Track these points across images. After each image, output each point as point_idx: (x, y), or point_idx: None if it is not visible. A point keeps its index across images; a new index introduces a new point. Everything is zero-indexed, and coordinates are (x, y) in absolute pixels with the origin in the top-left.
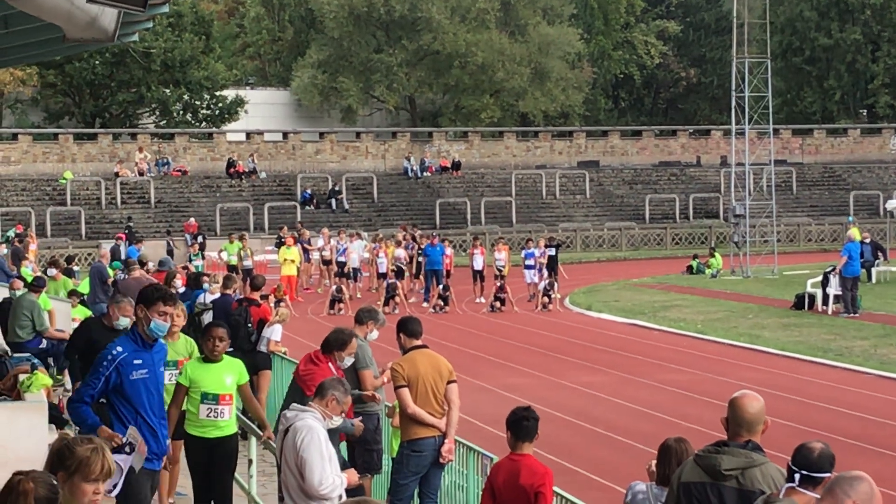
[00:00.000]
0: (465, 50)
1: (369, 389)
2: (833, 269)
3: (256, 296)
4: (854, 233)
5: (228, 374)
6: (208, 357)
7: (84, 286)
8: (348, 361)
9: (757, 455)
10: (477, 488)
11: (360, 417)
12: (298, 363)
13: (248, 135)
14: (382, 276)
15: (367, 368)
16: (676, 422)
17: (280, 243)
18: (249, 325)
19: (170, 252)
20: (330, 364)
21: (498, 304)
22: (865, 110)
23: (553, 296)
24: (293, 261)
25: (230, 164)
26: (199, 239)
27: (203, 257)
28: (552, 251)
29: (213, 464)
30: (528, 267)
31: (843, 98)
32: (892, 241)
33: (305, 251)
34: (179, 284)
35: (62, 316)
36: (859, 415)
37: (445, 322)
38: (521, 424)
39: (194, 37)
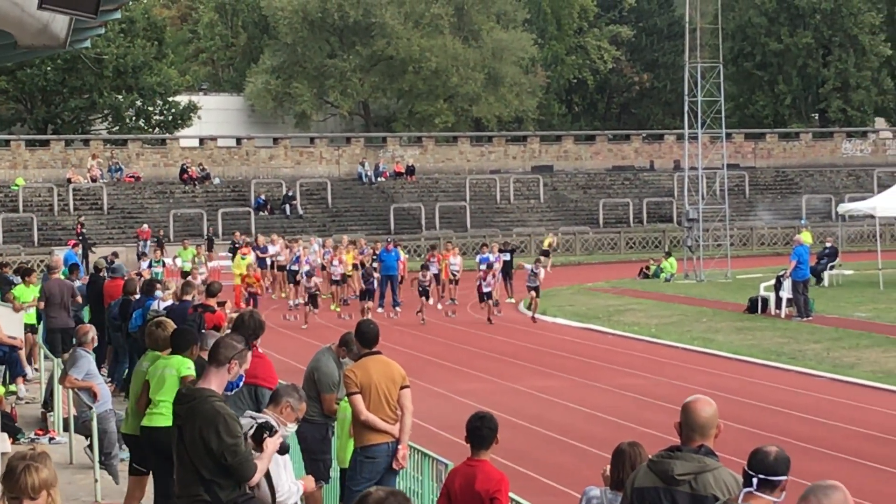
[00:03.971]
0: (419, 55)
1: (328, 412)
2: (785, 273)
3: (212, 302)
4: (804, 236)
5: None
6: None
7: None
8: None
9: (710, 460)
10: (432, 494)
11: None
12: None
13: (202, 140)
14: (336, 282)
15: (330, 392)
16: (631, 426)
17: (234, 249)
18: (203, 331)
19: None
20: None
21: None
22: (817, 114)
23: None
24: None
25: (183, 170)
26: (152, 243)
27: (164, 264)
28: (507, 256)
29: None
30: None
31: (794, 102)
32: (844, 244)
33: (260, 259)
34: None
35: (16, 322)
36: (812, 418)
37: (400, 327)
38: (478, 433)
39: (147, 42)
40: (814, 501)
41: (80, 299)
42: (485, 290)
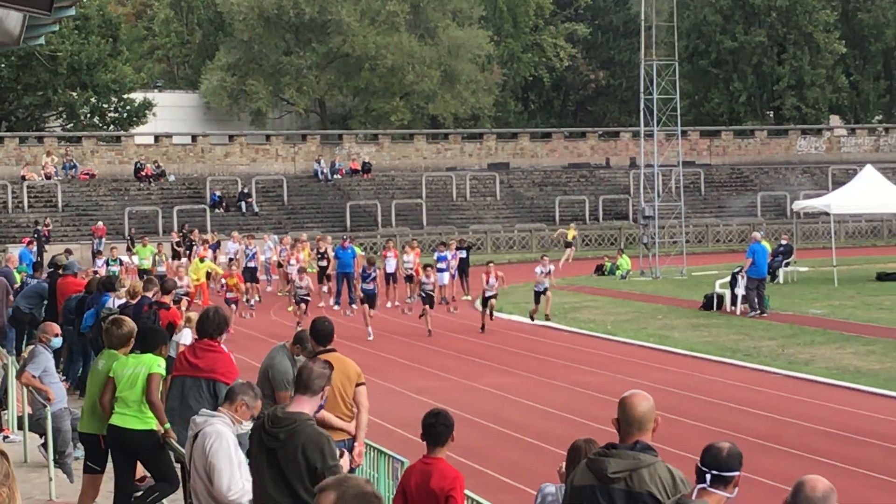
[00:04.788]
0: (375, 53)
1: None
2: (741, 270)
3: (167, 299)
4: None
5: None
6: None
7: None
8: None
9: (645, 455)
10: (388, 492)
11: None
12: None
13: (157, 138)
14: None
15: (284, 390)
16: (587, 423)
17: (188, 246)
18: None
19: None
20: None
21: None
22: (772, 112)
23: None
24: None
25: (138, 167)
26: (102, 241)
27: (120, 262)
28: (463, 253)
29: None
30: (441, 270)
31: (749, 100)
32: (799, 241)
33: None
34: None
35: None
36: (767, 414)
37: (357, 325)
38: (433, 430)
39: (101, 39)
40: (807, 487)
41: (12, 298)
42: (487, 294)
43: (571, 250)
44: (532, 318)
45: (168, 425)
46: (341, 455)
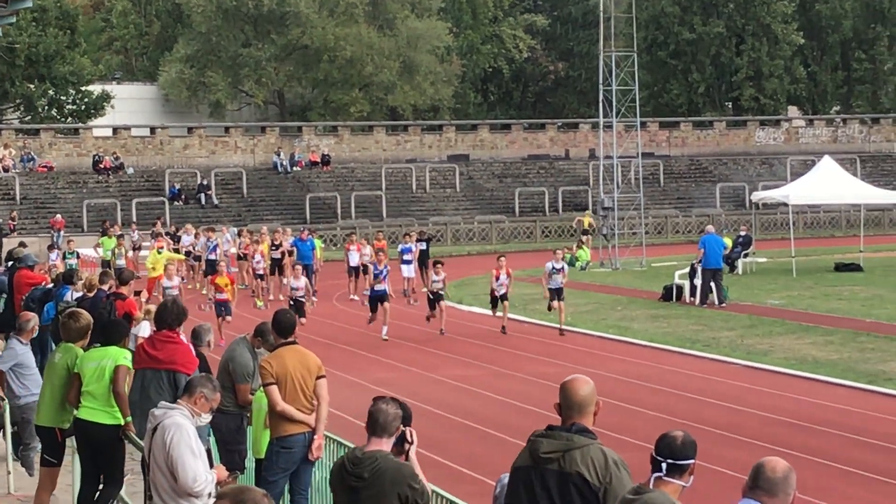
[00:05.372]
0: (334, 44)
1: (243, 402)
2: (696, 261)
3: (124, 290)
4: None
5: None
6: None
7: None
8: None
9: (580, 437)
10: None
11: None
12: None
13: (115, 130)
14: (259, 276)
15: (244, 383)
16: (547, 414)
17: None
18: (114, 318)
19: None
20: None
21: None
22: (730, 103)
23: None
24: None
25: (97, 159)
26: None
27: (78, 255)
28: (423, 245)
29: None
30: (405, 262)
31: (708, 91)
32: (758, 232)
33: (175, 250)
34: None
35: None
36: (726, 405)
37: (318, 317)
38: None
39: (59, 31)
40: (782, 495)
41: None
42: (499, 293)
43: (589, 238)
44: (561, 332)
45: (129, 418)
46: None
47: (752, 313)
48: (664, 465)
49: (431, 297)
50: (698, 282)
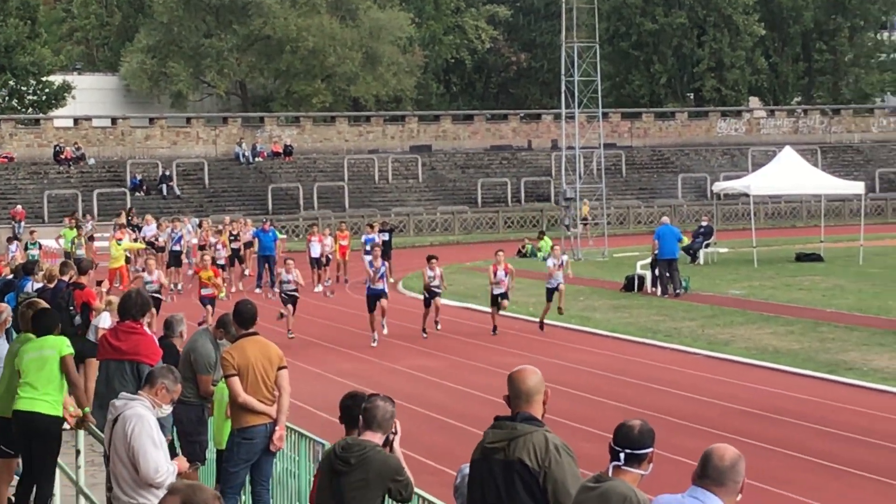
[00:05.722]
0: (296, 35)
1: (205, 393)
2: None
3: (83, 280)
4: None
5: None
6: None
7: None
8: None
9: (524, 425)
10: (309, 475)
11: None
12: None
13: (76, 121)
14: (221, 266)
15: (206, 374)
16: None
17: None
18: (72, 308)
19: None
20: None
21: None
22: (692, 94)
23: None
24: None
25: (58, 150)
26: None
27: (39, 246)
28: (386, 236)
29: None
30: (368, 253)
31: (670, 82)
32: (720, 222)
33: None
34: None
35: None
36: (687, 394)
37: (273, 305)
38: (350, 412)
39: (20, 21)
40: (731, 484)
41: None
42: (496, 291)
43: (587, 228)
44: (542, 327)
45: (88, 409)
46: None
47: (713, 303)
48: (622, 455)
49: (427, 294)
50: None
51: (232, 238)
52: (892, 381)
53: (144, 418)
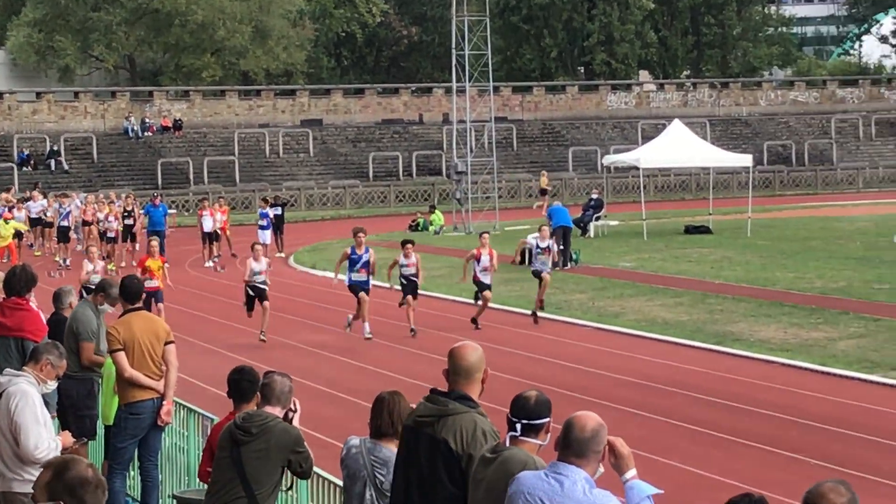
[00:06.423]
0: (185, 8)
1: (87, 362)
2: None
3: None
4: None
5: None
6: None
7: None
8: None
9: (457, 404)
10: (198, 450)
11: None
12: None
13: None
14: (111, 240)
15: (88, 341)
16: (399, 377)
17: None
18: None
19: None
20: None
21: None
22: (582, 68)
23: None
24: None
25: None
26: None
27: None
28: (278, 210)
29: None
30: (263, 227)
31: (560, 56)
32: (610, 195)
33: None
34: None
35: None
36: (577, 366)
37: (170, 283)
38: (237, 386)
39: None
40: (592, 455)
41: None
42: (481, 278)
43: (546, 198)
44: (536, 320)
45: None
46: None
47: (604, 276)
48: (519, 426)
49: (405, 282)
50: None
51: (126, 214)
52: (778, 352)
53: (28, 394)
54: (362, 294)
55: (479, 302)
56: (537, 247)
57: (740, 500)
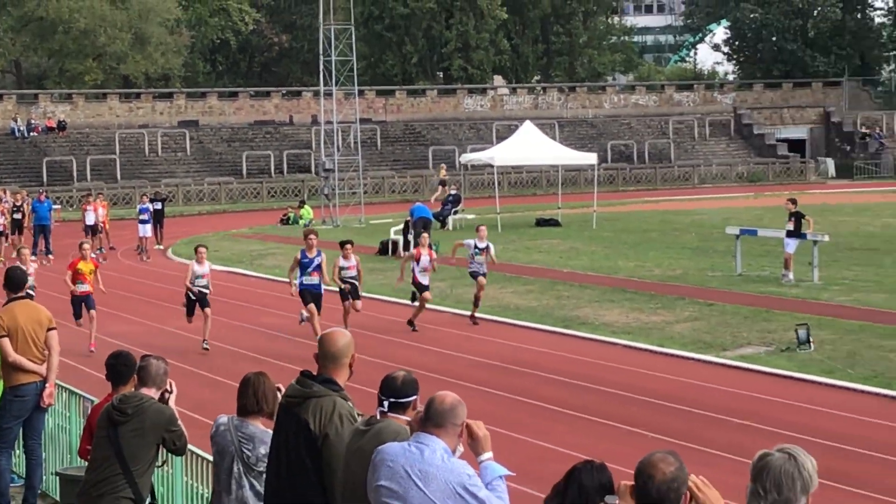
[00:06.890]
0: (69, 16)
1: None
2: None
3: None
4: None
5: None
6: None
7: None
8: None
9: (320, 387)
10: (79, 430)
11: None
12: None
13: None
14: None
15: None
16: (268, 360)
17: None
18: None
19: None
20: None
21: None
22: (441, 73)
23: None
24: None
25: None
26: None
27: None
28: (158, 205)
29: None
30: (143, 221)
31: (420, 62)
32: (467, 191)
33: None
34: None
35: None
36: (436, 349)
37: (53, 273)
38: (114, 369)
39: None
40: (450, 426)
41: None
42: (420, 279)
43: (443, 188)
44: (475, 321)
45: None
46: None
47: (461, 266)
48: (386, 403)
49: (345, 285)
50: (412, 237)
51: (15, 209)
52: (620, 334)
53: None
54: (311, 306)
55: (417, 302)
56: (475, 247)
57: (583, 466)
